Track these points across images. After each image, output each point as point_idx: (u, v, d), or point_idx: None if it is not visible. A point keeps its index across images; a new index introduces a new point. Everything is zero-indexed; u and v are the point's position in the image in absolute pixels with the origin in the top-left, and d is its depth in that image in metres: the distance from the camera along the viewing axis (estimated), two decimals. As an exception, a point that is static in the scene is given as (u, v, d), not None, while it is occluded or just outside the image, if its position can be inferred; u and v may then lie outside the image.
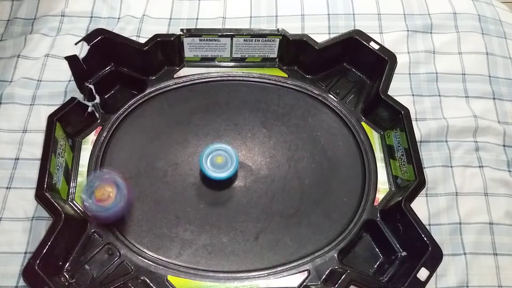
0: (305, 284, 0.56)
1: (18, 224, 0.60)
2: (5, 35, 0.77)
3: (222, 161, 0.61)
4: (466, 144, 0.68)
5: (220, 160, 0.61)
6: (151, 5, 0.80)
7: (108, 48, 0.67)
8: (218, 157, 0.61)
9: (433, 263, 0.53)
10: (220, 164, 0.60)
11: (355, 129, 0.67)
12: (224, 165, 0.60)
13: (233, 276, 0.57)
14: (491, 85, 0.74)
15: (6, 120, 0.67)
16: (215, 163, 0.60)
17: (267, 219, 0.61)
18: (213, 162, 0.60)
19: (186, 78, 0.71)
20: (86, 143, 0.65)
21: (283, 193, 0.63)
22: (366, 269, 0.58)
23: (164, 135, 0.67)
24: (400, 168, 0.63)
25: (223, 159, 0.61)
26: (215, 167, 0.60)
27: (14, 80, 0.71)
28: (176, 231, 0.60)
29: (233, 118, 0.69)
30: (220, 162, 0.60)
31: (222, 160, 0.61)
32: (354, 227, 0.60)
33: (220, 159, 0.61)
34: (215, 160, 0.60)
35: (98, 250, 0.57)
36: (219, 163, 0.60)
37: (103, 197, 0.55)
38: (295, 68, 0.72)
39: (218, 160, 0.60)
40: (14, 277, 0.57)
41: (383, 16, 0.79)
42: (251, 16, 0.79)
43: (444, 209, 0.63)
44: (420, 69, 0.74)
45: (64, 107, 0.63)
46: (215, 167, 0.60)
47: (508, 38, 0.79)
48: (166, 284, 0.55)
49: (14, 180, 0.63)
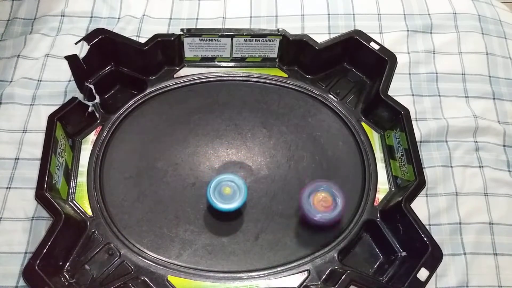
0: (305, 284, 0.56)
1: (18, 224, 0.60)
2: (5, 35, 0.77)
3: (230, 192, 0.58)
4: (466, 144, 0.68)
5: (228, 191, 0.58)
6: (151, 5, 0.80)
7: (108, 48, 0.67)
8: (226, 188, 0.59)
9: (433, 263, 0.53)
10: (228, 196, 0.58)
11: (355, 129, 0.67)
12: (232, 196, 0.58)
13: (233, 276, 0.57)
14: (491, 85, 0.74)
15: (6, 120, 0.67)
16: (223, 194, 0.58)
17: (267, 219, 0.61)
18: (221, 193, 0.58)
19: (186, 78, 0.71)
20: (86, 143, 0.65)
21: (283, 193, 0.63)
22: (366, 269, 0.58)
23: (164, 135, 0.67)
24: (400, 168, 0.63)
25: (231, 190, 0.58)
26: (223, 198, 0.58)
27: (14, 80, 0.71)
28: (176, 231, 0.60)
29: (233, 118, 0.69)
30: (228, 193, 0.58)
31: (230, 191, 0.58)
32: (354, 227, 0.60)
33: (228, 190, 0.58)
34: (223, 191, 0.58)
35: (98, 250, 0.57)
36: (227, 194, 0.58)
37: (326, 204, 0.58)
38: (295, 68, 0.72)
39: (226, 191, 0.58)
40: (14, 277, 0.57)
41: (383, 16, 0.79)
42: (251, 16, 0.79)
43: (444, 209, 0.63)
44: (420, 69, 0.74)
45: (64, 107, 0.63)
46: (223, 198, 0.58)
47: (508, 38, 0.79)
48: (166, 284, 0.55)
49: (14, 180, 0.63)
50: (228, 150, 0.66)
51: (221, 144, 0.66)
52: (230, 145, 0.66)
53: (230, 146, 0.66)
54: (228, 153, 0.66)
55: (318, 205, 0.57)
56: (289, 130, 0.68)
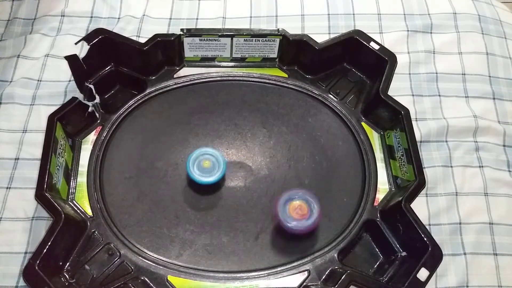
0: (305, 284, 0.56)
1: (18, 224, 0.60)
2: (5, 35, 0.77)
3: (210, 165, 0.60)
4: (466, 144, 0.68)
5: (208, 164, 0.60)
6: (151, 5, 0.80)
7: (108, 48, 0.67)
8: (206, 161, 0.60)
9: (433, 263, 0.53)
10: (208, 169, 0.60)
11: (355, 129, 0.67)
12: (211, 170, 0.60)
13: (233, 276, 0.57)
14: (491, 85, 0.74)
15: (6, 120, 0.67)
16: (202, 167, 0.60)
17: (267, 219, 0.61)
18: (200, 166, 0.60)
19: (186, 78, 0.71)
20: (86, 143, 0.65)
21: (283, 193, 0.63)
22: (366, 269, 0.58)
23: (164, 135, 0.67)
24: (400, 168, 0.63)
25: (210, 163, 0.60)
26: (202, 171, 0.60)
27: (14, 80, 0.71)
28: (176, 231, 0.60)
29: (233, 118, 0.69)
30: (207, 167, 0.60)
31: (210, 165, 0.60)
32: (354, 227, 0.60)
33: (208, 163, 0.60)
34: (203, 165, 0.60)
35: (98, 250, 0.57)
36: (206, 167, 0.60)
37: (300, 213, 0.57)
38: (295, 68, 0.72)
39: (205, 164, 0.60)
40: (14, 277, 0.57)
41: (383, 16, 0.79)
42: (251, 16, 0.79)
43: (444, 209, 0.63)
44: (420, 69, 0.74)
45: (65, 107, 0.63)
46: (202, 172, 0.60)
47: (508, 38, 0.79)
48: (166, 284, 0.55)
49: (14, 180, 0.63)
50: (228, 150, 0.66)
51: (221, 144, 0.66)
52: (230, 145, 0.66)
53: (230, 146, 0.66)
54: (228, 153, 0.66)
55: (294, 213, 0.57)
56: (289, 130, 0.68)
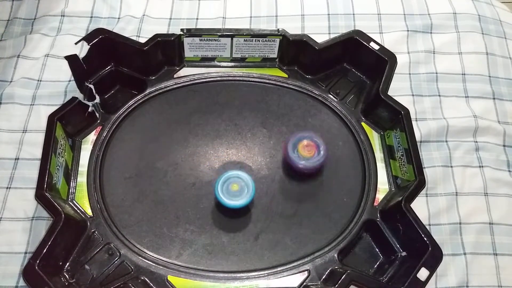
0: (305, 284, 0.56)
1: (18, 224, 0.60)
2: (5, 35, 0.77)
3: (238, 188, 0.59)
4: (466, 144, 0.68)
5: (236, 187, 0.59)
6: (151, 5, 0.80)
7: (108, 48, 0.67)
8: (234, 184, 0.59)
9: (433, 263, 0.53)
10: (236, 192, 0.59)
11: (355, 129, 0.67)
12: (240, 193, 0.59)
13: (233, 276, 0.57)
14: (491, 85, 0.74)
15: (6, 120, 0.67)
16: (230, 190, 0.59)
17: (267, 219, 0.61)
18: (229, 189, 0.59)
19: (186, 78, 0.71)
20: (86, 143, 0.65)
21: (283, 193, 0.63)
22: (366, 269, 0.58)
23: (164, 135, 0.67)
24: (400, 168, 0.63)
25: (238, 187, 0.59)
26: (231, 194, 0.58)
27: (14, 80, 0.71)
28: (176, 231, 0.60)
29: (233, 118, 0.69)
30: (236, 190, 0.59)
31: (238, 188, 0.59)
32: (354, 227, 0.60)
33: (236, 186, 0.59)
34: (231, 188, 0.59)
35: (98, 250, 0.57)
36: (234, 190, 0.59)
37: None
38: (295, 68, 0.72)
39: (233, 188, 0.59)
40: (14, 277, 0.57)
41: (383, 16, 0.79)
42: (251, 16, 0.79)
43: (444, 209, 0.63)
44: (420, 69, 0.74)
45: (65, 106, 0.63)
46: (230, 195, 0.58)
47: (508, 38, 0.79)
48: (166, 284, 0.55)
49: (14, 180, 0.63)
50: (228, 150, 0.66)
51: (221, 144, 0.66)
52: (230, 145, 0.66)
53: (230, 146, 0.66)
54: (228, 153, 0.66)
55: (303, 151, 0.60)
56: (289, 130, 0.68)
